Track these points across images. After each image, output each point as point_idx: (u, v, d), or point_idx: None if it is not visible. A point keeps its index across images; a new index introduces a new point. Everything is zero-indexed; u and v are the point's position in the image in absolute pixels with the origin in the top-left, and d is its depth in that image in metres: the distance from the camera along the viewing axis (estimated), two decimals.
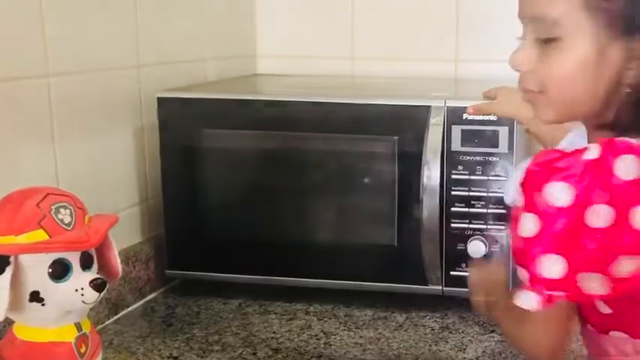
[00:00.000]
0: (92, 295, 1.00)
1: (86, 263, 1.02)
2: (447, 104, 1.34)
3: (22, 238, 0.97)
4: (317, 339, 1.32)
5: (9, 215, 0.98)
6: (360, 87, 1.78)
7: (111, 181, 1.44)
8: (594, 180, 0.78)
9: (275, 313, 1.43)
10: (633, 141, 0.80)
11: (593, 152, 0.79)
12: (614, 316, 0.88)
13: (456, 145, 1.34)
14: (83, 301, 1.00)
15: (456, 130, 1.34)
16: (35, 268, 0.98)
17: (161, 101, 1.47)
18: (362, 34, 1.90)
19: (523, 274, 0.83)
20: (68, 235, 0.99)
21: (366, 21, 1.89)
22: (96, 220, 1.05)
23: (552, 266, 0.80)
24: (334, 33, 1.92)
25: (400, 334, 1.33)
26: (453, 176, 1.34)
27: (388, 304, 1.45)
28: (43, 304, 0.99)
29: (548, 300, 0.82)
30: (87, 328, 1.05)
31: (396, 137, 1.38)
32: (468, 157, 1.34)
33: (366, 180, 1.44)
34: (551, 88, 0.86)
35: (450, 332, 1.34)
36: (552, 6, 0.83)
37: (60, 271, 0.99)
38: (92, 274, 1.02)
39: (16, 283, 0.97)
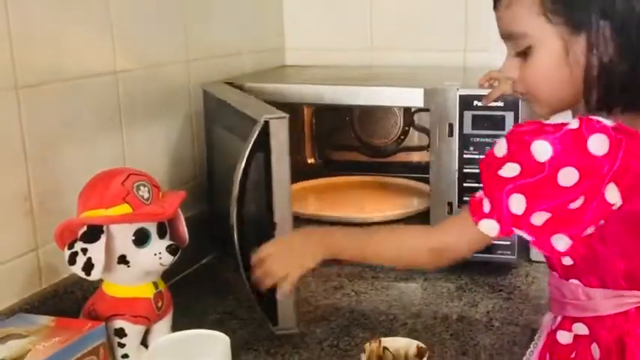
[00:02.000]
0: (168, 259, 1.21)
1: (161, 232, 1.23)
2: (459, 92, 1.53)
3: (111, 211, 1.18)
4: (349, 297, 1.53)
5: (100, 192, 1.19)
6: (378, 77, 1.97)
7: (167, 162, 1.65)
8: (570, 146, 0.95)
9: (311, 277, 1.64)
10: (607, 122, 0.96)
11: (574, 124, 0.95)
12: (574, 267, 1.07)
13: (468, 128, 1.53)
14: (161, 264, 1.21)
15: (467, 116, 1.53)
16: (121, 236, 1.19)
17: (206, 91, 1.67)
18: (379, 28, 2.09)
19: (487, 204, 1.01)
20: (148, 209, 1.20)
21: (383, 15, 2.08)
22: (169, 195, 1.26)
23: (518, 204, 0.97)
24: (354, 27, 2.11)
25: (420, 293, 1.54)
26: (465, 155, 1.54)
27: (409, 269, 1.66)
28: (129, 266, 1.20)
29: (508, 232, 1.01)
30: (162, 286, 1.27)
31: None
32: (478, 139, 1.53)
33: None
34: (535, 88, 1.05)
35: (464, 291, 1.54)
36: (517, 23, 1.02)
37: (142, 238, 1.20)
38: (167, 241, 1.23)
39: (107, 248, 1.18)
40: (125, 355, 1.22)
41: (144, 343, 1.25)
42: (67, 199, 1.27)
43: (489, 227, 1.01)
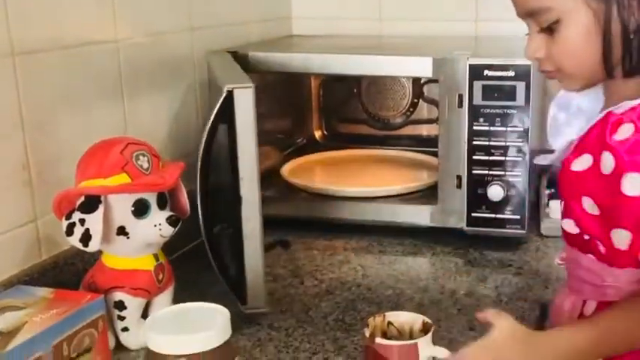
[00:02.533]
0: (168, 230, 1.18)
1: (162, 203, 1.20)
2: (468, 62, 1.49)
3: (110, 181, 1.15)
4: (355, 271, 1.50)
5: (98, 162, 1.16)
6: (386, 46, 1.93)
7: (170, 133, 1.61)
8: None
9: (317, 249, 1.61)
10: None
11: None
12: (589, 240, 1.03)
13: (478, 99, 1.49)
14: (161, 235, 1.18)
15: (477, 86, 1.49)
16: (120, 207, 1.16)
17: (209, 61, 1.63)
18: None
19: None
20: (147, 179, 1.17)
21: None
22: (168, 166, 1.23)
23: None
24: None
25: (428, 268, 1.51)
26: (475, 127, 1.50)
27: (416, 242, 1.63)
28: (128, 237, 1.17)
29: None
30: (163, 259, 1.24)
31: None
32: (488, 110, 1.49)
33: None
34: (565, 63, 0.99)
35: (472, 266, 1.51)
36: None
37: (141, 209, 1.17)
38: (167, 212, 1.20)
39: (105, 219, 1.15)
40: (125, 329, 1.20)
41: (145, 316, 1.23)
42: (66, 169, 1.23)
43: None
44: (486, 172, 1.53)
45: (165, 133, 1.59)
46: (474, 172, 1.53)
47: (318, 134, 2.16)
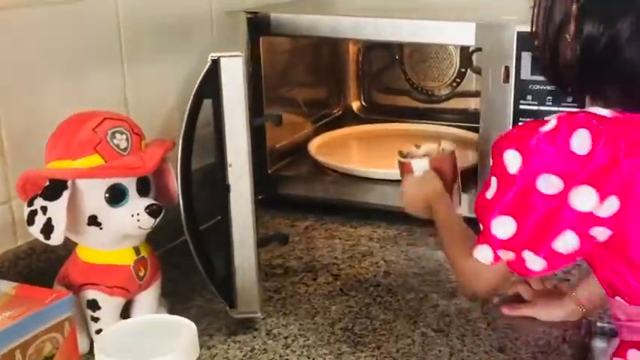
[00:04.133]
0: (148, 221, 1.02)
1: (143, 189, 1.04)
2: (517, 29, 1.28)
3: (79, 163, 0.99)
4: (377, 267, 1.31)
5: (66, 140, 1.00)
6: (426, 8, 1.71)
7: (178, 105, 1.44)
8: (548, 149, 0.85)
9: (339, 239, 1.43)
10: (597, 112, 0.86)
11: (551, 124, 0.86)
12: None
13: (526, 73, 1.28)
14: (139, 227, 1.02)
15: (526, 58, 1.28)
16: (92, 193, 1.00)
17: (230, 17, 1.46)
18: None
19: (480, 229, 0.94)
20: (123, 161, 1.00)
21: None
22: (152, 145, 1.06)
23: (504, 227, 0.90)
24: None
25: None
26: (522, 106, 1.30)
27: None
28: (101, 228, 1.01)
29: (496, 259, 0.93)
30: (145, 252, 1.08)
31: None
32: (538, 87, 1.28)
33: None
34: None
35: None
36: None
37: (116, 196, 1.01)
38: (149, 199, 1.03)
39: (74, 206, 0.99)
40: (99, 331, 1.04)
41: (126, 316, 1.07)
42: None
43: (484, 256, 0.94)
44: None
45: (174, 106, 1.42)
46: None
47: (355, 105, 1.97)
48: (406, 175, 1.20)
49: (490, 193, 0.91)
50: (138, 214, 1.01)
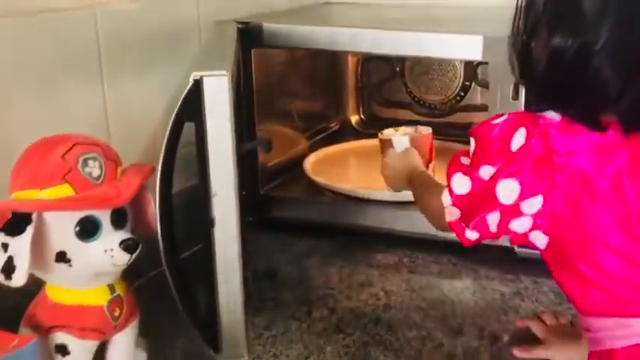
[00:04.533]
0: (122, 257, 0.92)
1: (118, 220, 0.94)
2: None
3: (46, 193, 0.89)
4: (376, 299, 1.22)
5: (32, 167, 0.90)
6: (430, 19, 1.61)
7: (167, 119, 1.34)
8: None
9: (336, 266, 1.34)
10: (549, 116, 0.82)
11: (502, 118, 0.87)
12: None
13: None
14: (113, 263, 0.92)
15: None
16: (61, 227, 0.90)
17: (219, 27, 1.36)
18: None
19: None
20: (96, 191, 0.90)
21: None
22: (129, 172, 0.96)
23: (460, 184, 0.90)
24: None
25: (467, 298, 1.22)
26: None
27: (455, 260, 1.34)
28: (71, 265, 0.91)
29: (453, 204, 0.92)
30: (121, 289, 0.97)
31: None
32: None
33: None
34: None
35: (522, 299, 1.21)
36: None
37: (88, 229, 0.91)
38: (124, 232, 0.93)
39: (40, 241, 0.89)
40: None
41: (101, 359, 0.98)
42: None
43: (446, 200, 0.92)
44: None
45: (159, 125, 1.31)
46: None
47: (354, 119, 1.88)
48: (387, 150, 1.28)
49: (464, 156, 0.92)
50: (112, 250, 0.91)
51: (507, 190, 0.84)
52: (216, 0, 1.42)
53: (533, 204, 0.84)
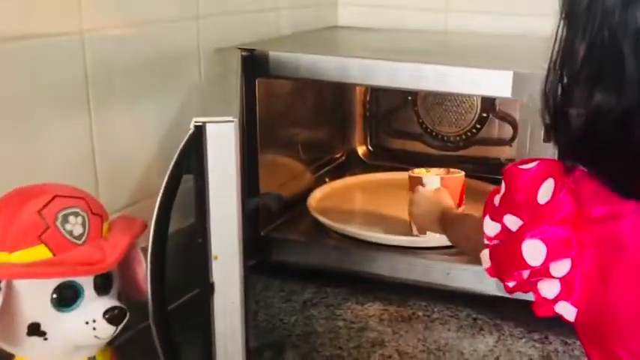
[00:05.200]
0: (107, 330, 0.80)
1: (103, 285, 0.81)
2: None
3: (17, 257, 0.76)
4: None
5: (2, 225, 0.78)
6: (451, 50, 1.50)
7: (161, 155, 1.22)
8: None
9: (344, 320, 1.21)
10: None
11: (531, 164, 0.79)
12: None
13: None
14: (96, 336, 0.80)
15: None
16: (35, 294, 0.78)
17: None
18: None
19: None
20: (77, 253, 0.78)
21: None
22: (117, 228, 0.84)
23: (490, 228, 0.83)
24: None
25: None
26: None
27: (476, 315, 1.22)
28: (46, 339, 0.79)
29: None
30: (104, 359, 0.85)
31: None
32: None
33: None
34: None
35: None
36: None
37: (66, 297, 0.79)
38: (109, 299, 0.81)
39: (9, 312, 0.77)
40: None
41: None
42: None
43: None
44: None
45: (152, 161, 1.19)
46: None
47: (361, 150, 1.76)
48: (416, 188, 1.27)
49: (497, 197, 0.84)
50: (94, 321, 0.79)
51: (533, 252, 0.77)
52: (217, 24, 1.30)
53: (562, 268, 0.76)
